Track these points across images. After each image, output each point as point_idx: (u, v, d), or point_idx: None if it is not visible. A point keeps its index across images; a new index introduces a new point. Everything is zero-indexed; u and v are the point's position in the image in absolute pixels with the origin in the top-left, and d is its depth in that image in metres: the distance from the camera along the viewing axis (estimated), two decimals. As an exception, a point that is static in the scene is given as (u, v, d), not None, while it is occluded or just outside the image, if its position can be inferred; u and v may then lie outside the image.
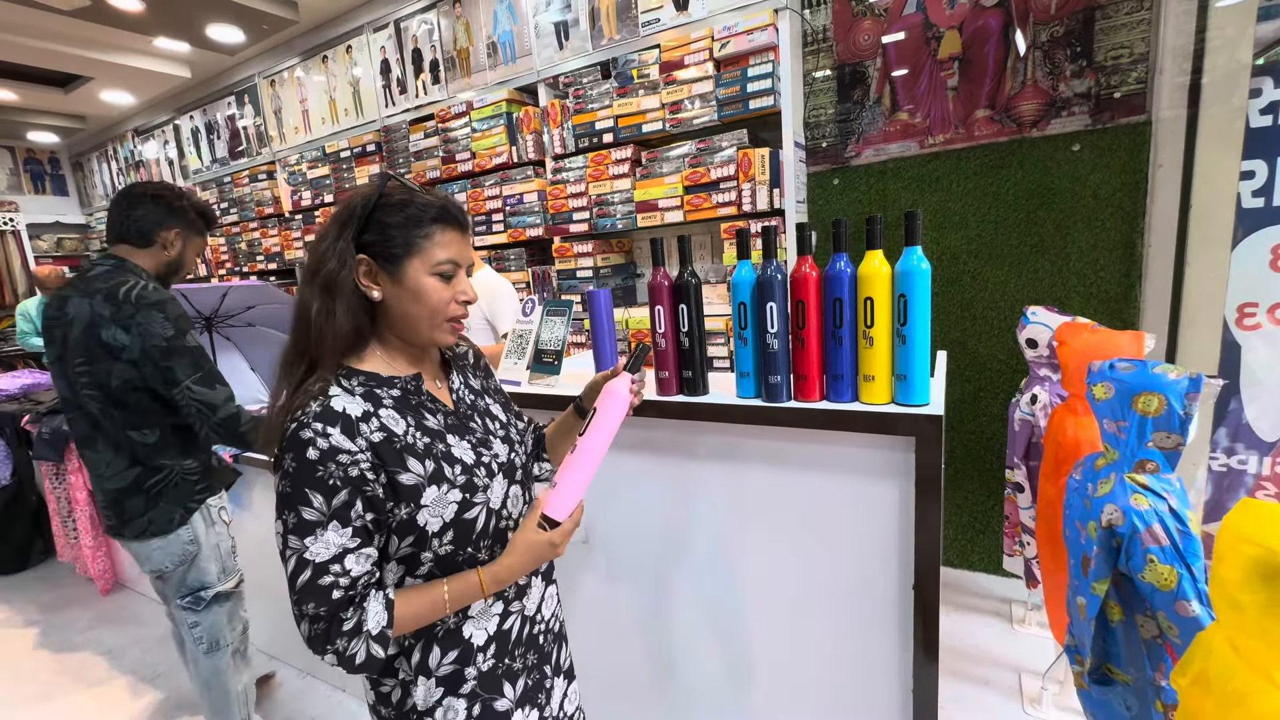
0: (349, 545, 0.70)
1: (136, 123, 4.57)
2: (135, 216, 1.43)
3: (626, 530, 1.41)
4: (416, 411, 0.78)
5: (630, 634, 1.46)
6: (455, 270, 0.78)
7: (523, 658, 0.86)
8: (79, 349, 1.36)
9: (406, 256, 0.75)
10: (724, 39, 2.14)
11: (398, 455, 0.73)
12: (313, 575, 0.68)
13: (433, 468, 0.75)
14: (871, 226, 0.98)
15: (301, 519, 0.68)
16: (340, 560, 0.69)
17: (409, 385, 0.79)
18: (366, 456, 0.70)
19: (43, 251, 5.04)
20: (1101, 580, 1.05)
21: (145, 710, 2.10)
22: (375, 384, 0.77)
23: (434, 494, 0.74)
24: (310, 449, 0.68)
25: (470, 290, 0.80)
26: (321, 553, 0.68)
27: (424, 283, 0.75)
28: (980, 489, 2.27)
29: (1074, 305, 2.01)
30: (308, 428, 0.69)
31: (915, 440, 0.97)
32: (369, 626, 0.70)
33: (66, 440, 2.67)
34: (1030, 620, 2.01)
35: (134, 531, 1.44)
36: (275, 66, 3.61)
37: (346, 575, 0.70)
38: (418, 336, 0.79)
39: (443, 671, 0.80)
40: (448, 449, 0.78)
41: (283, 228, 3.83)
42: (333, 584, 0.69)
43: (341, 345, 0.75)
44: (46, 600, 2.95)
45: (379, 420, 0.73)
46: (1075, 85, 1.93)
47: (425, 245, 0.75)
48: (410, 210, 0.75)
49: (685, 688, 1.42)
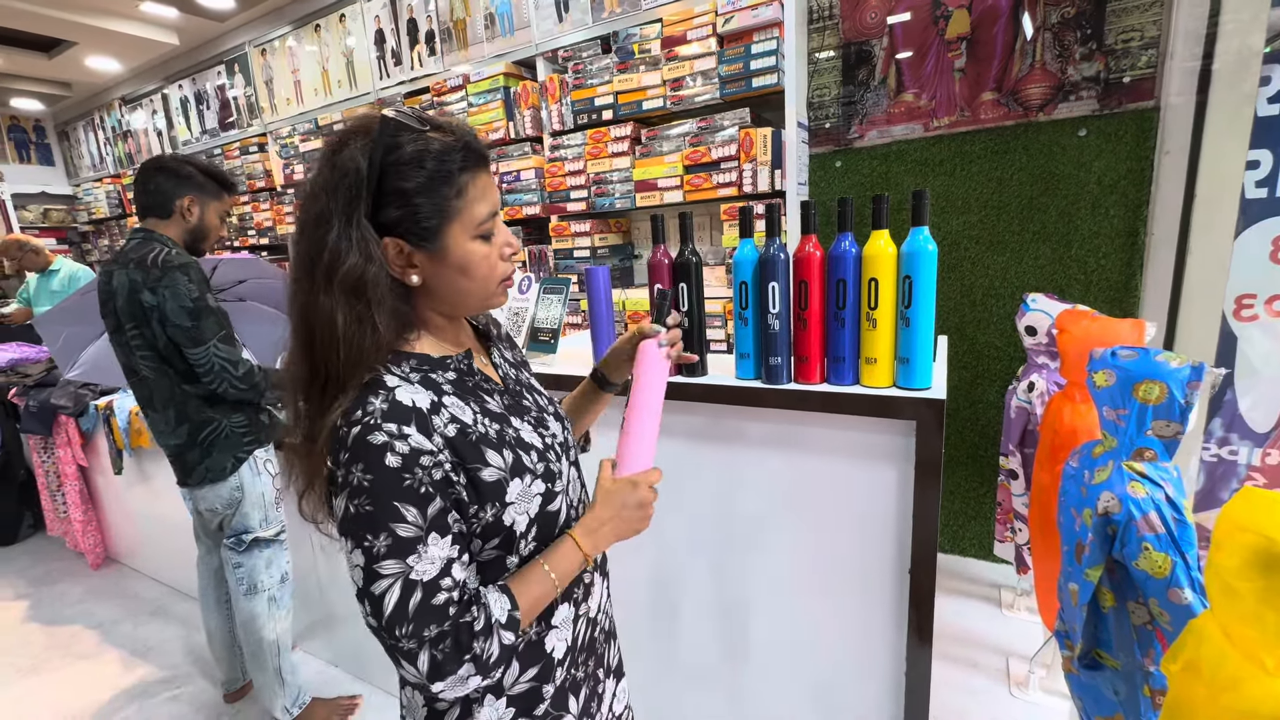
0: (453, 555, 0.60)
1: (124, 91, 4.46)
2: (151, 190, 1.53)
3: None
4: (476, 395, 0.67)
5: (622, 613, 1.46)
6: (496, 221, 0.64)
7: (584, 665, 0.77)
8: (127, 316, 1.48)
9: (444, 224, 0.61)
10: (728, 14, 2.09)
11: (474, 448, 0.62)
12: (424, 596, 0.58)
13: (512, 458, 0.65)
14: (878, 205, 0.96)
15: (397, 538, 0.57)
16: (449, 572, 0.60)
17: (462, 365, 0.68)
18: (446, 455, 0.60)
19: (29, 223, 4.94)
20: (1095, 567, 1.05)
21: (136, 683, 2.10)
22: (429, 368, 0.65)
23: (519, 488, 0.65)
24: (389, 455, 0.57)
25: (514, 237, 0.70)
26: (429, 570, 0.58)
27: (470, 250, 0.63)
28: (973, 475, 2.28)
29: (1074, 293, 2.00)
30: (378, 430, 0.57)
31: (916, 424, 0.96)
32: (496, 615, 0.61)
33: (54, 414, 2.64)
34: (1019, 605, 2.04)
35: (196, 479, 1.60)
36: (266, 35, 3.51)
37: (459, 588, 0.60)
38: (466, 309, 0.68)
39: (518, 690, 0.69)
40: (518, 434, 0.68)
41: (274, 201, 3.77)
42: (448, 600, 0.59)
43: (386, 353, 0.62)
44: (36, 574, 2.94)
45: (448, 411, 0.62)
46: (1084, 69, 1.90)
47: (460, 205, 0.61)
48: (430, 163, 0.59)
49: (677, 665, 1.43)
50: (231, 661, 1.93)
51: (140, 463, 2.48)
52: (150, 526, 2.68)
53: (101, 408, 2.48)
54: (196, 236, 1.61)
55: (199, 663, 2.18)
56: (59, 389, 2.64)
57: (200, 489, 1.62)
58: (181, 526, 2.38)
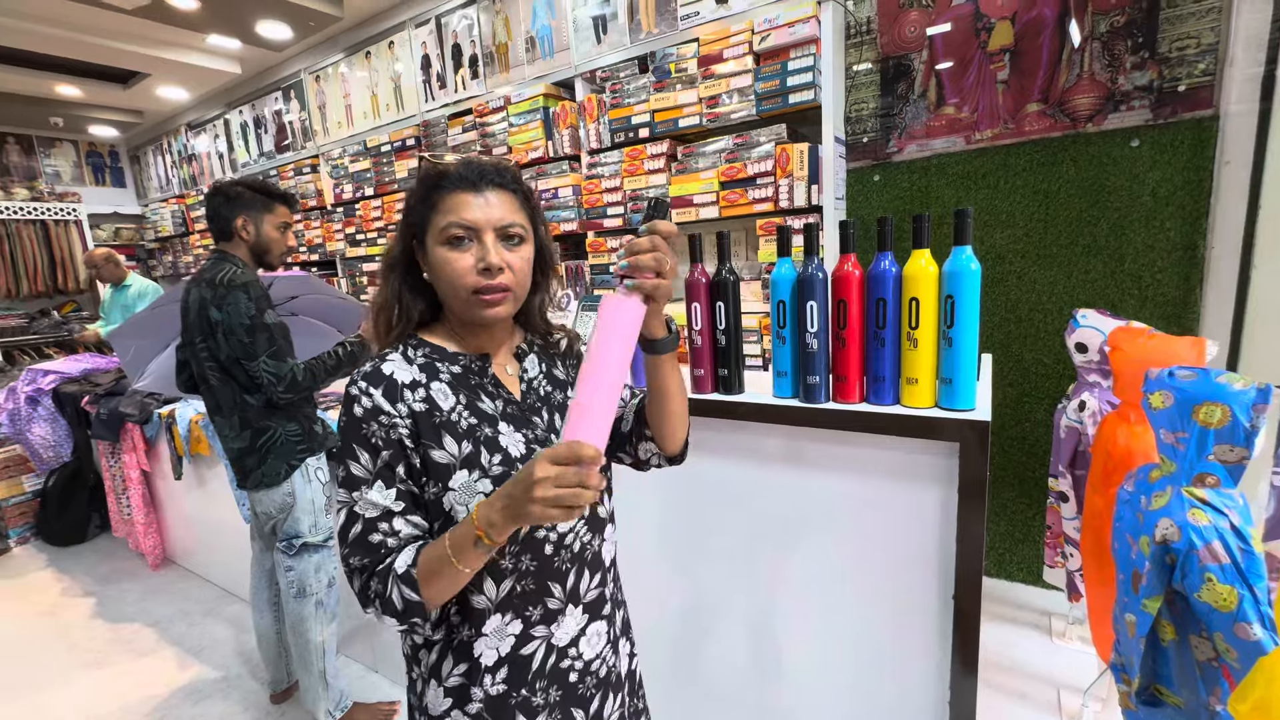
0: (394, 508, 0.70)
1: (190, 117, 4.75)
2: (212, 215, 1.66)
3: (654, 527, 1.41)
4: (473, 391, 0.75)
5: (655, 632, 1.46)
6: (467, 234, 0.71)
7: (544, 692, 0.77)
8: (196, 330, 1.61)
9: (426, 229, 0.74)
10: (764, 31, 2.11)
11: (435, 430, 0.71)
12: (362, 530, 0.69)
13: (469, 450, 0.72)
14: (919, 225, 0.95)
15: (350, 473, 0.70)
16: (389, 519, 0.69)
17: (473, 364, 0.77)
18: (406, 424, 0.70)
19: (102, 240, 5.28)
20: (1154, 598, 1.01)
21: (190, 680, 2.20)
22: (438, 357, 0.76)
23: (463, 478, 0.71)
24: (356, 406, 0.70)
25: (493, 255, 0.71)
26: (369, 510, 0.69)
27: (436, 253, 0.72)
28: (1020, 497, 2.20)
29: (1128, 308, 1.92)
30: (355, 384, 0.72)
31: (959, 446, 0.94)
32: (396, 567, 0.67)
33: (122, 421, 2.80)
34: (1071, 634, 1.95)
35: (253, 483, 1.69)
36: (320, 62, 3.70)
37: (395, 536, 0.69)
38: (461, 312, 0.75)
39: (450, 683, 0.76)
40: (494, 436, 0.74)
41: (325, 220, 3.94)
42: (380, 542, 0.69)
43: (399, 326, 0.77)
44: (102, 572, 3.11)
45: (426, 391, 0.73)
46: (1136, 78, 1.84)
47: (431, 214, 0.73)
48: (420, 184, 0.75)
49: (713, 689, 1.41)
50: (278, 662, 2.00)
51: (198, 469, 2.61)
52: (205, 530, 2.81)
53: (165, 416, 2.63)
54: (259, 252, 1.71)
55: (248, 663, 2.26)
56: (126, 398, 2.81)
57: (256, 492, 1.72)
58: (232, 530, 2.49)
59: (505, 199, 0.74)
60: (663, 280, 0.70)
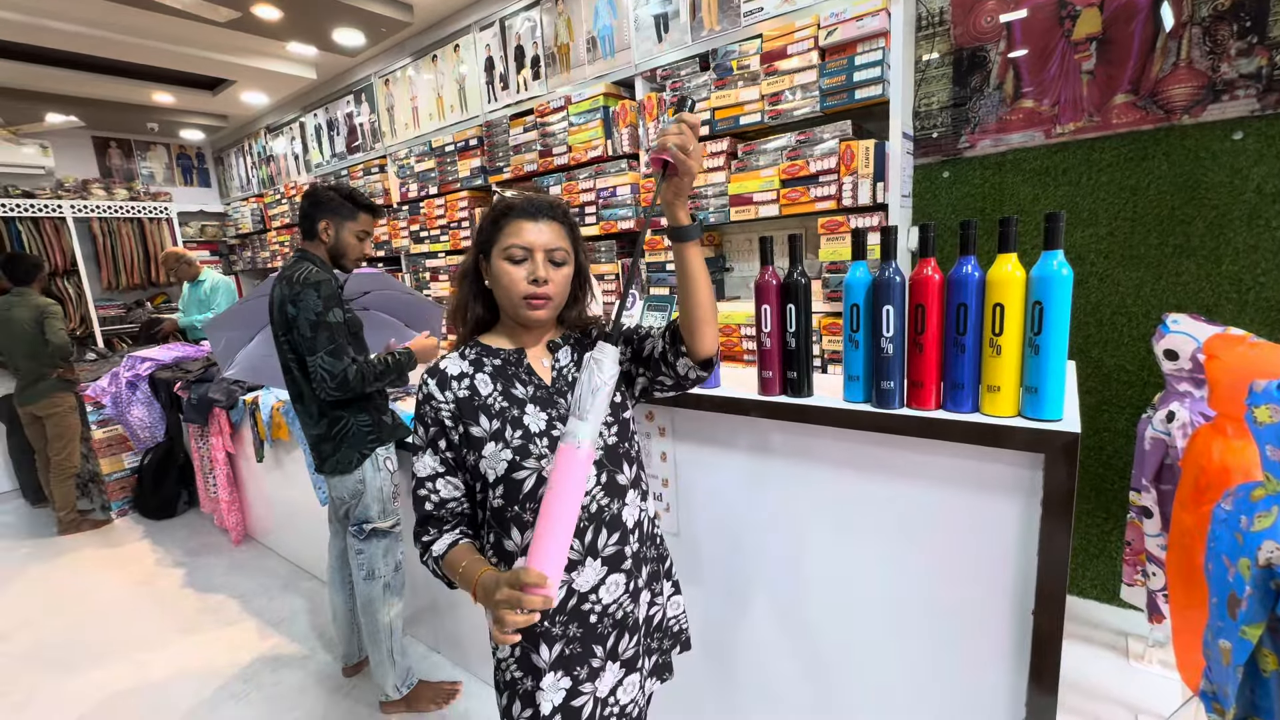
0: (438, 470, 0.92)
1: (269, 120, 5.03)
2: (302, 216, 1.77)
3: (714, 530, 1.41)
4: (509, 380, 0.95)
5: (712, 641, 1.47)
6: (524, 254, 0.91)
7: (564, 625, 0.92)
8: (278, 325, 1.72)
9: (491, 246, 0.94)
10: (831, 26, 2.07)
11: (474, 411, 0.91)
12: (415, 486, 0.94)
13: (497, 426, 0.90)
14: (1005, 228, 0.92)
15: (414, 443, 0.94)
16: (433, 480, 0.92)
17: (511, 357, 0.97)
18: (450, 408, 0.91)
19: (189, 237, 5.68)
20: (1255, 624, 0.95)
21: (270, 651, 2.36)
22: (485, 354, 0.97)
23: (492, 449, 0.89)
24: (420, 392, 0.93)
25: (541, 270, 0.91)
26: (421, 470, 0.93)
27: (498, 266, 0.92)
28: (1097, 510, 2.09)
29: (1225, 314, 1.79)
30: (423, 378, 0.94)
31: (1045, 458, 0.91)
32: (435, 550, 0.92)
33: (210, 406, 3.01)
34: (1151, 657, 1.84)
35: (329, 469, 1.79)
36: (389, 66, 3.85)
37: (436, 494, 0.93)
38: (511, 314, 0.95)
39: None
40: (520, 415, 0.92)
41: (391, 218, 4.10)
42: (425, 497, 0.93)
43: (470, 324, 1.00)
44: (191, 546, 3.36)
45: (471, 381, 0.93)
46: (1241, 65, 1.71)
47: (497, 235, 0.93)
48: (492, 210, 0.95)
49: (773, 702, 1.41)
50: (350, 638, 2.12)
51: (277, 453, 2.78)
52: (282, 510, 2.99)
53: (249, 402, 2.81)
54: (336, 254, 1.81)
55: (322, 637, 2.41)
56: (214, 385, 3.02)
57: (331, 478, 1.82)
58: (306, 511, 2.65)
59: (555, 229, 0.94)
60: (688, 158, 0.84)
